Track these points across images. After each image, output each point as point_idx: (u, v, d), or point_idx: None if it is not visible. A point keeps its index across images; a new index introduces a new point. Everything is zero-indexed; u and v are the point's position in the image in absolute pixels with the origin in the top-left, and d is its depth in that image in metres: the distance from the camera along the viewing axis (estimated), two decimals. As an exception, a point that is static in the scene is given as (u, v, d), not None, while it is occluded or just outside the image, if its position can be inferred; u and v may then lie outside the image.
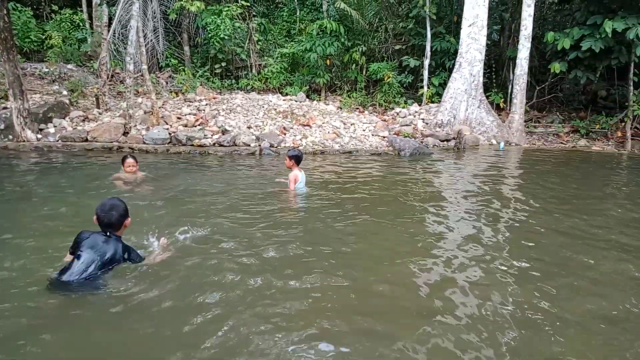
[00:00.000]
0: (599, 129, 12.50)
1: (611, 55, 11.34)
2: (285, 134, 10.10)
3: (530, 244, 4.28)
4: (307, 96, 13.50)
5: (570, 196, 6.52)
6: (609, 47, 11.08)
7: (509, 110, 12.39)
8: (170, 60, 13.69)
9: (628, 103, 11.66)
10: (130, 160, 6.07)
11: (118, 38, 11.23)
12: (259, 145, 9.28)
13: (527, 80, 12.20)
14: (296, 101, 12.09)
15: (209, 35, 12.87)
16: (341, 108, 12.91)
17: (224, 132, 9.65)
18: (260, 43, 14.27)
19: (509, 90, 12.93)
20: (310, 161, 8.45)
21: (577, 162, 9.83)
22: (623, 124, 12.05)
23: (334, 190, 6.19)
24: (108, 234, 3.10)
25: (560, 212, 5.41)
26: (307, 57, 13.19)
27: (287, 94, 13.17)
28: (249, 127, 10.07)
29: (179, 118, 10.20)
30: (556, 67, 11.70)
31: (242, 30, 13.85)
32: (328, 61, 13.60)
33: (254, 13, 15.03)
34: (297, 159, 5.85)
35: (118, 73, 12.75)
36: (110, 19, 11.69)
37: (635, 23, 10.30)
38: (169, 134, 9.40)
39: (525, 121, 12.55)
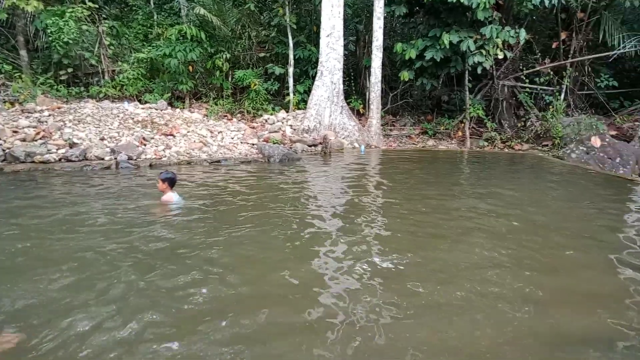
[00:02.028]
0: (443, 129, 14.09)
1: (449, 64, 12.84)
2: (145, 145, 9.42)
3: (397, 234, 4.70)
4: (170, 104, 12.83)
5: (425, 184, 7.46)
6: (448, 57, 12.55)
7: (368, 115, 13.28)
8: (2, 67, 11.85)
9: (465, 106, 13.33)
10: None
11: None
12: (115, 158, 8.50)
13: (382, 87, 13.23)
14: (157, 109, 11.37)
15: (51, 38, 11.46)
16: (207, 116, 12.52)
17: (72, 145, 8.63)
18: (112, 47, 13.15)
19: (367, 97, 13.86)
20: (176, 173, 7.99)
21: (428, 159, 10.94)
22: (462, 124, 13.74)
23: (206, 199, 5.94)
24: None
25: (419, 197, 6.06)
26: (167, 62, 12.53)
27: (146, 102, 12.33)
28: (102, 139, 9.16)
29: (15, 132, 8.84)
30: (405, 75, 12.89)
31: (91, 34, 12.62)
32: (191, 67, 13.11)
33: (104, 15, 13.80)
34: (171, 181, 5.52)
35: None
36: None
37: (467, 36, 11.83)
38: (2, 150, 8.10)
39: (382, 125, 13.58)
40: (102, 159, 8.47)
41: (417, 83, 13.63)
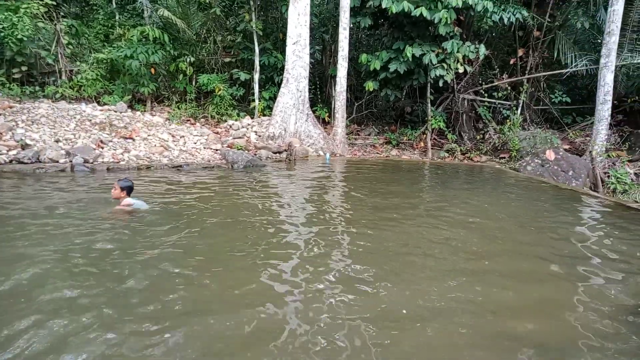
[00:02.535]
0: (406, 140, 14.36)
1: (413, 76, 13.13)
2: (103, 148, 9.10)
3: (360, 242, 4.68)
4: (131, 106, 12.48)
5: (388, 193, 7.49)
6: (411, 70, 12.83)
7: (333, 124, 13.37)
8: (-52, 62, 11.20)
9: (427, 118, 13.65)
10: None
11: None
12: (70, 161, 8.16)
13: (347, 97, 13.37)
14: (116, 111, 11.03)
15: (3, 34, 10.93)
16: (170, 120, 12.25)
17: (24, 147, 8.23)
18: (71, 47, 12.68)
19: (332, 106, 13.96)
20: (134, 178, 7.76)
21: (391, 168, 11.10)
22: (425, 135, 14.04)
23: (167, 205, 5.78)
24: None
25: (381, 205, 6.09)
26: (129, 64, 12.20)
27: (105, 104, 11.94)
28: (57, 141, 8.79)
29: (-41, 131, 8.37)
30: (370, 85, 13.08)
31: (48, 32, 12.12)
32: (153, 70, 12.81)
33: (62, 13, 13.31)
34: (129, 190, 5.34)
35: None
36: None
37: (429, 50, 12.15)
38: (-54, 150, 7.65)
39: (347, 134, 13.70)
40: (57, 161, 8.12)
41: (382, 94, 13.85)
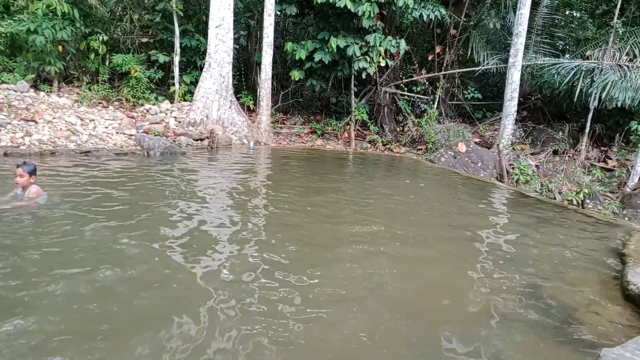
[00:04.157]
0: (331, 130, 14.56)
1: (337, 67, 13.28)
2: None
3: (281, 228, 4.66)
4: (35, 86, 11.39)
5: (312, 181, 7.67)
6: (336, 60, 12.97)
7: (258, 112, 13.19)
8: None
9: (351, 109, 13.91)
10: None
11: None
12: (-42, 145, 7.31)
13: (273, 85, 13.24)
14: (16, 91, 10.01)
15: None
16: (79, 102, 11.36)
17: None
18: (-39, 16, 11.27)
19: (258, 93, 13.75)
20: (38, 164, 7.12)
21: (316, 158, 11.20)
22: (348, 126, 14.31)
23: (74, 195, 5.35)
24: None
25: (305, 195, 6.14)
26: (32, 40, 11.08)
27: (3, 82, 10.78)
28: (-59, 121, 7.82)
29: None
30: (295, 74, 13.04)
31: None
32: (60, 47, 11.76)
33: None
34: (35, 172, 4.85)
35: None
36: None
37: (353, 42, 12.33)
38: None
39: (272, 123, 13.59)
40: (-60, 144, 7.23)
41: (307, 83, 13.88)
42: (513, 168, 11.15)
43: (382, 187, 7.97)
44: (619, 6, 12.49)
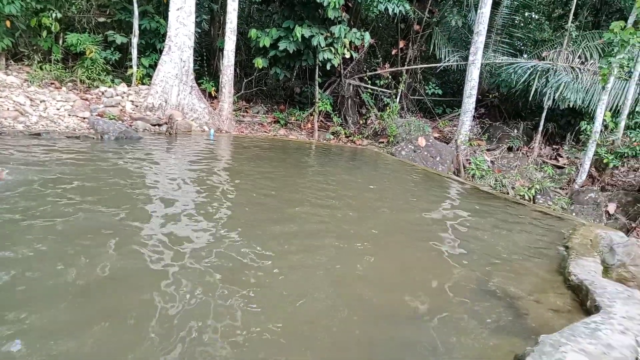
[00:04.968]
0: (294, 120, 14.49)
1: (302, 57, 13.19)
2: (-64, 108, 7.71)
3: (240, 217, 4.60)
4: (-22, 63, 10.72)
5: (273, 170, 7.62)
6: (300, 50, 12.88)
7: (220, 99, 12.94)
8: None
9: (315, 100, 13.89)
10: None
11: None
12: None
13: (237, 72, 12.99)
14: (-42, 67, 9.39)
15: None
16: (29, 81, 10.77)
17: None
18: None
19: (220, 80, 13.49)
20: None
21: (278, 147, 11.12)
22: (312, 117, 14.30)
23: (22, 182, 5.07)
24: None
25: (265, 185, 6.14)
26: (-24, 13, 10.41)
27: (-58, 57, 10.09)
28: None
29: None
30: (259, 62, 12.87)
31: None
32: (8, 23, 11.08)
33: None
34: None
35: None
36: None
37: (318, 32, 12.28)
38: None
39: (235, 111, 13.37)
40: None
41: (272, 72, 13.73)
42: (469, 163, 11.48)
43: (344, 176, 8.06)
44: (573, 10, 13.04)
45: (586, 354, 2.51)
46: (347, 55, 12.85)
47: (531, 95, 12.64)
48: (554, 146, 13.74)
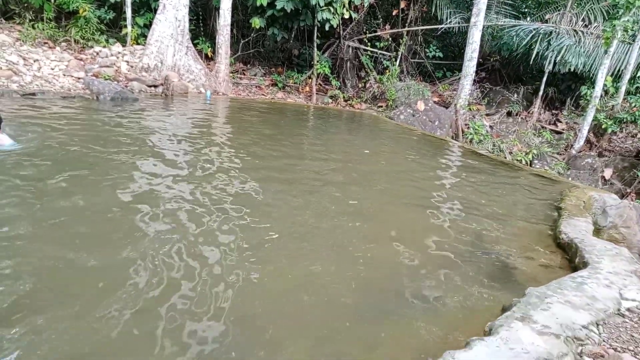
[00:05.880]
0: (292, 83, 14.31)
1: (300, 17, 12.85)
2: None
3: (242, 180, 4.62)
4: (-31, 20, 10.46)
5: (272, 133, 7.60)
6: (298, 9, 12.54)
7: (216, 60, 12.72)
8: None
9: (314, 62, 13.67)
10: None
11: None
12: None
13: (233, 33, 12.70)
14: (-53, 24, 9.17)
15: None
16: (22, 40, 10.55)
17: None
18: None
19: (216, 41, 13.21)
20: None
21: (276, 110, 11.05)
22: (310, 80, 14.11)
23: (26, 142, 5.06)
24: None
25: (265, 147, 6.20)
26: (-37, -33, 10.07)
27: None
28: None
29: None
30: (256, 22, 12.56)
31: None
32: (-3, -22, 10.76)
33: None
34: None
35: None
36: None
37: (317, -10, 11.92)
38: None
39: (232, 72, 13.17)
40: None
41: (269, 32, 13.44)
42: (468, 127, 11.45)
43: (344, 141, 8.07)
44: (579, -30, 12.67)
45: (571, 305, 2.60)
46: (347, 16, 12.56)
47: (532, 58, 12.45)
48: (553, 111, 13.65)
